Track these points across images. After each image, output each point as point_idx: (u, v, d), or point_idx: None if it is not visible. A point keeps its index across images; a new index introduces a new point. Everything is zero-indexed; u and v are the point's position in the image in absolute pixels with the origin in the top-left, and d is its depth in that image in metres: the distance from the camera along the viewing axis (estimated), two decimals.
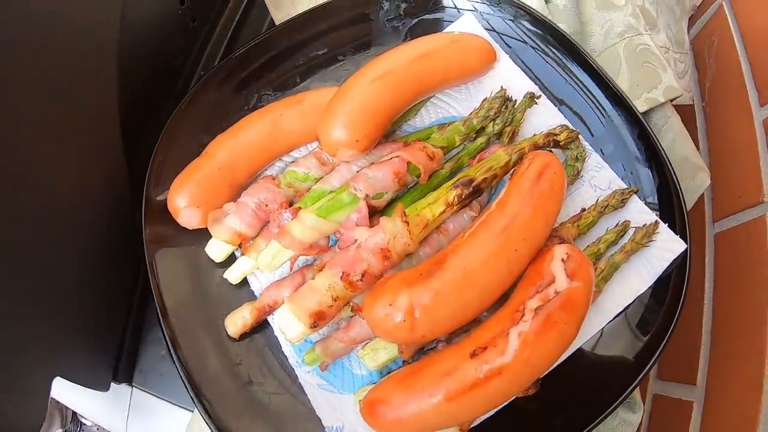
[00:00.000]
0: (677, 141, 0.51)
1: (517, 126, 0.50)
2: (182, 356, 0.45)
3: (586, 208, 0.47)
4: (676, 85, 0.52)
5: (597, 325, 0.44)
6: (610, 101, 0.51)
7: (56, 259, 0.42)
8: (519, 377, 0.35)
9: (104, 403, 0.56)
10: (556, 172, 0.43)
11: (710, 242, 0.58)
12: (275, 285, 0.47)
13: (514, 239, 0.39)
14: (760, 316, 0.47)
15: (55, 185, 0.41)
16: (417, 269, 0.38)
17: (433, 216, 0.43)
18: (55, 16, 0.37)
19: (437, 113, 0.54)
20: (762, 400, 0.44)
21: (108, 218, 0.48)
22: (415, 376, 0.37)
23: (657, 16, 0.60)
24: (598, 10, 0.53)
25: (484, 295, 0.38)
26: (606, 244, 0.46)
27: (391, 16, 0.57)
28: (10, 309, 0.36)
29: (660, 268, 0.45)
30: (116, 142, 0.48)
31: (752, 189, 0.53)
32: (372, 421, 0.37)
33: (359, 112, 0.44)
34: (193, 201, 0.47)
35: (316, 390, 0.45)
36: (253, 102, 0.56)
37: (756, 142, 0.53)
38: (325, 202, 0.44)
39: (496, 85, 0.52)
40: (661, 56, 0.52)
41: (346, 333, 0.44)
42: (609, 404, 0.41)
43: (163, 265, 0.48)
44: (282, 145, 0.51)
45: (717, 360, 0.53)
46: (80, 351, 0.47)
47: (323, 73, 0.57)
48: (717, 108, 0.63)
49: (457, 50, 0.49)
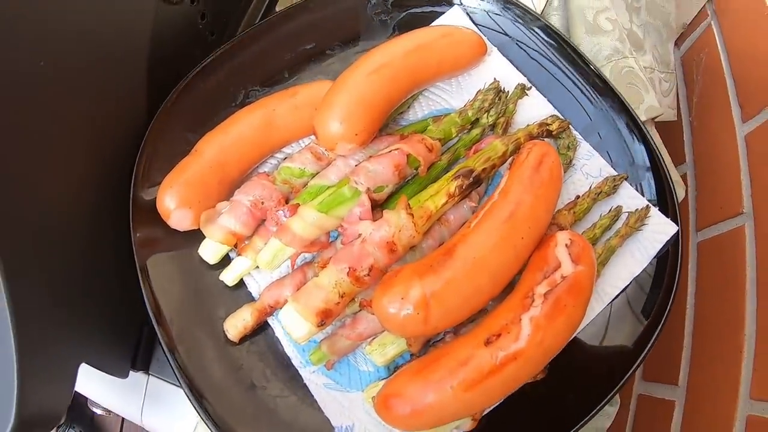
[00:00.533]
0: None
1: (510, 117, 0.51)
2: (180, 361, 0.43)
3: (580, 195, 0.48)
4: (657, 104, 0.56)
5: (597, 308, 0.45)
6: (596, 91, 0.52)
7: (87, 252, 0.44)
8: (533, 361, 0.36)
9: (120, 391, 0.57)
10: (554, 161, 0.44)
11: (693, 250, 0.61)
12: (276, 284, 0.45)
13: (520, 226, 0.39)
14: (739, 320, 0.50)
15: (87, 183, 0.44)
16: (427, 260, 0.38)
17: (436, 207, 0.43)
18: (90, 31, 0.41)
19: (429, 106, 0.54)
20: (739, 399, 0.47)
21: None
22: (430, 367, 0.36)
23: (644, 38, 0.64)
24: (587, 35, 0.58)
25: (494, 282, 0.38)
26: (601, 229, 0.47)
27: (379, 9, 0.57)
28: (45, 298, 0.38)
29: (653, 250, 0.47)
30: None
31: (733, 200, 0.55)
32: (387, 415, 0.37)
33: (357, 105, 0.44)
34: (183, 201, 0.46)
35: (322, 390, 0.45)
36: (241, 98, 0.55)
37: (738, 156, 0.56)
38: (325, 197, 0.43)
39: (486, 78, 0.53)
40: (644, 78, 0.56)
41: (353, 329, 0.43)
42: (614, 384, 0.42)
43: (155, 269, 0.47)
44: (275, 141, 0.50)
45: (698, 361, 0.55)
46: (104, 338, 0.48)
47: (312, 67, 0.56)
48: (703, 122, 0.65)
49: (450, 43, 0.49)
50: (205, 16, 0.56)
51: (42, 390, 0.38)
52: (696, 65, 0.68)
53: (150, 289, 0.46)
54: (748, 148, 0.56)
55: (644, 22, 0.66)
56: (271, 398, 0.44)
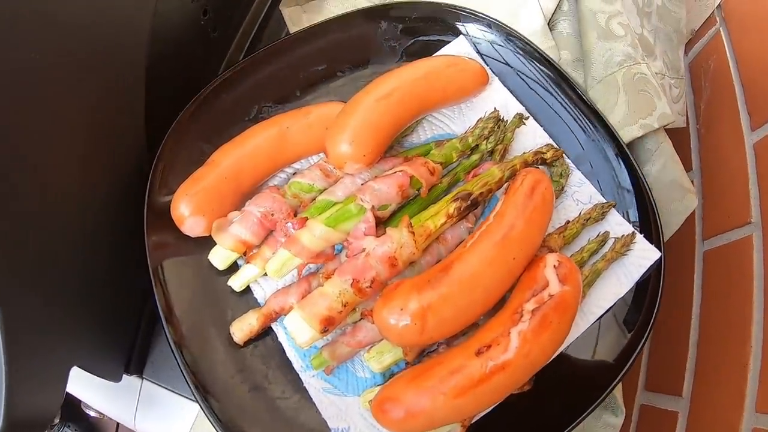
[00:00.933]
0: (668, 165, 0.54)
1: (508, 144, 0.54)
2: (188, 361, 0.46)
3: (570, 221, 0.52)
4: (669, 111, 0.54)
5: (582, 326, 0.48)
6: (590, 122, 0.55)
7: (79, 254, 0.43)
8: (520, 372, 0.39)
9: (113, 394, 0.56)
10: (546, 188, 0.47)
11: (699, 259, 0.60)
12: (282, 292, 0.48)
13: (512, 248, 0.43)
14: (745, 331, 0.50)
15: (81, 185, 0.43)
16: (425, 276, 0.41)
17: (435, 227, 0.46)
18: (90, 26, 0.39)
19: (432, 130, 0.57)
20: (744, 411, 0.47)
21: (127, 218, 0.49)
22: (424, 375, 0.39)
23: (654, 43, 0.63)
24: (599, 40, 0.56)
25: (486, 298, 0.41)
26: (589, 253, 0.50)
27: (389, 36, 0.60)
28: (36, 299, 0.37)
29: (637, 275, 0.50)
30: (142, 148, 0.50)
31: (741, 209, 0.55)
32: (383, 418, 0.40)
33: (366, 128, 0.47)
34: (197, 209, 0.48)
35: (321, 393, 0.47)
36: (254, 113, 0.57)
37: (746, 165, 0.55)
38: (333, 212, 0.46)
39: (487, 106, 0.56)
40: (656, 84, 0.55)
41: (353, 337, 0.46)
42: (594, 399, 0.45)
43: (167, 272, 0.49)
44: (287, 157, 0.53)
45: (702, 372, 0.55)
46: (97, 342, 0.48)
47: (322, 87, 0.59)
48: (710, 130, 0.64)
49: (455, 72, 0.53)
50: (207, 12, 0.56)
51: (32, 393, 0.37)
52: (704, 72, 0.67)
53: (162, 289, 0.48)
54: (757, 157, 0.55)
55: (655, 27, 0.65)
56: (272, 399, 0.47)
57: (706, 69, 0.66)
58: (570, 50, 0.61)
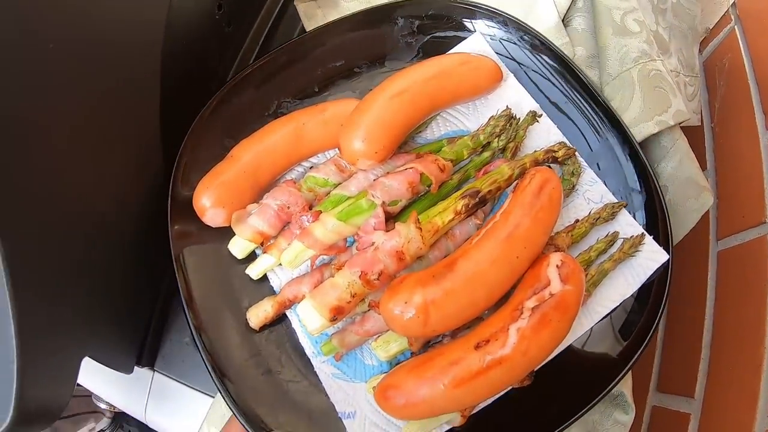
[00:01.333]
0: (683, 162, 0.54)
1: (520, 142, 0.55)
2: (206, 344, 0.49)
3: (579, 220, 0.52)
4: (685, 109, 0.54)
5: (587, 324, 0.49)
6: (604, 121, 0.55)
7: (95, 247, 0.44)
8: (517, 367, 0.40)
9: (124, 386, 0.58)
10: (554, 188, 0.48)
11: (713, 259, 0.60)
12: (296, 281, 0.51)
13: (516, 246, 0.44)
14: (759, 332, 0.50)
15: (96, 181, 0.44)
16: (430, 271, 0.43)
17: (443, 223, 0.47)
18: (106, 20, 0.40)
19: (446, 127, 0.58)
20: (757, 413, 0.47)
21: (141, 213, 0.51)
22: (425, 365, 0.41)
23: (669, 40, 0.62)
24: (615, 36, 0.56)
25: (489, 295, 0.43)
26: (596, 252, 0.51)
27: (405, 32, 0.61)
28: (49, 288, 0.38)
29: (644, 276, 0.50)
30: (156, 141, 0.51)
31: (755, 209, 0.54)
32: (385, 404, 0.42)
33: (379, 125, 0.48)
34: (218, 201, 0.51)
35: (330, 378, 0.50)
36: (273, 108, 0.59)
37: (761, 164, 0.55)
38: (345, 207, 0.48)
39: (502, 103, 0.56)
40: (671, 81, 0.55)
41: (362, 326, 0.48)
42: (595, 397, 0.46)
43: (188, 259, 0.52)
44: (303, 152, 0.55)
45: (715, 374, 0.55)
46: (110, 333, 0.49)
47: (340, 83, 0.61)
48: (725, 129, 0.64)
49: (468, 70, 0.53)
50: (222, 6, 0.56)
51: (43, 383, 0.37)
52: (718, 70, 0.66)
53: (183, 276, 0.51)
54: None
55: (670, 24, 0.64)
56: (284, 382, 0.50)
57: (721, 67, 0.65)
58: (585, 46, 0.60)
